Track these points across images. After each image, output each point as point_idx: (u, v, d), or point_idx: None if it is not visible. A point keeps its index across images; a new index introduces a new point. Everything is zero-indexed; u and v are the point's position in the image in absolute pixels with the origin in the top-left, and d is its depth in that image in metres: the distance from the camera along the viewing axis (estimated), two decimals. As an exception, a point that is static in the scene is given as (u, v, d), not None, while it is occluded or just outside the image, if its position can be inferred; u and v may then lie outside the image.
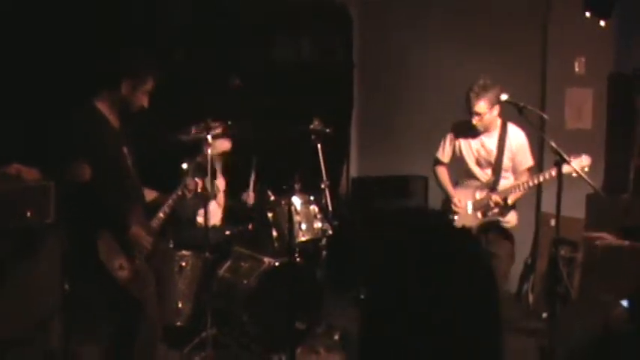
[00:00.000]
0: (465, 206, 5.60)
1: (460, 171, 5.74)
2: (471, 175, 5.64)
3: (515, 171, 5.58)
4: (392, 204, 6.93)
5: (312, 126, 5.88)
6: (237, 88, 5.41)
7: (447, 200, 5.74)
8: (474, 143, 5.56)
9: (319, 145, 5.90)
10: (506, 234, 5.60)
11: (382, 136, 8.09)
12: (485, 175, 5.58)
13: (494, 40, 7.00)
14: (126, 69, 4.31)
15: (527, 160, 5.56)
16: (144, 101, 4.37)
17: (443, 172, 5.81)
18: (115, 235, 4.20)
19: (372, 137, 8.28)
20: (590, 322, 4.73)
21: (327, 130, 5.89)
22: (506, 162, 5.51)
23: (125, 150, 4.39)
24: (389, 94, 8.04)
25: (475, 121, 5.37)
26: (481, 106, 5.29)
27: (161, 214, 4.74)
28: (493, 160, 5.52)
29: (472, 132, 5.51)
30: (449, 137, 5.71)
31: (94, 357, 4.29)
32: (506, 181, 5.55)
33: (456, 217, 5.61)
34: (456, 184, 5.77)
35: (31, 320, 4.52)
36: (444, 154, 5.75)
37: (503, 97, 5.05)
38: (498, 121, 5.48)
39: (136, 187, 4.52)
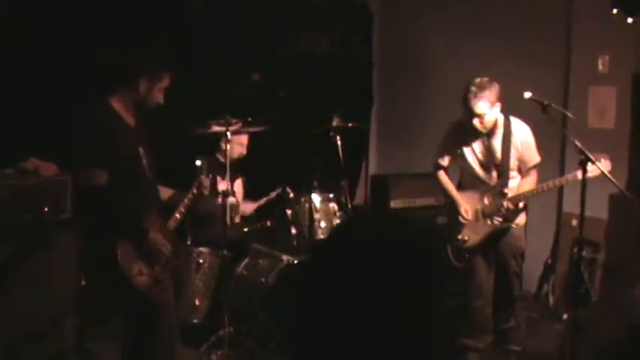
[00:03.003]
0: (474, 215, 5.39)
1: (464, 175, 5.54)
2: (476, 179, 5.41)
3: (521, 170, 5.35)
4: (411, 202, 6.84)
5: (331, 123, 5.80)
6: (259, 83, 5.42)
7: (451, 203, 5.51)
8: (477, 145, 5.31)
9: (339, 143, 5.81)
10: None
11: (402, 133, 8.01)
12: (491, 177, 5.35)
13: (517, 36, 6.87)
14: (142, 67, 4.20)
15: (534, 157, 5.30)
16: (160, 99, 4.26)
17: (444, 177, 5.57)
18: (133, 242, 4.13)
19: (391, 135, 8.19)
20: (614, 324, 4.58)
21: (350, 125, 5.82)
22: (512, 162, 5.28)
23: (141, 150, 4.28)
24: (409, 91, 7.94)
25: (476, 123, 5.11)
26: (480, 106, 5.03)
27: (177, 215, 4.66)
28: (499, 162, 5.28)
29: (474, 133, 5.24)
30: (448, 140, 5.48)
31: (108, 356, 4.21)
32: (513, 181, 5.33)
33: (464, 227, 5.43)
34: (459, 187, 5.56)
35: (44, 316, 4.46)
36: (445, 158, 5.51)
37: (527, 94, 4.80)
38: (501, 119, 5.21)
39: (152, 189, 4.43)
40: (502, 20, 7.05)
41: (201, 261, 5.57)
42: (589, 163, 4.59)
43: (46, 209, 4.38)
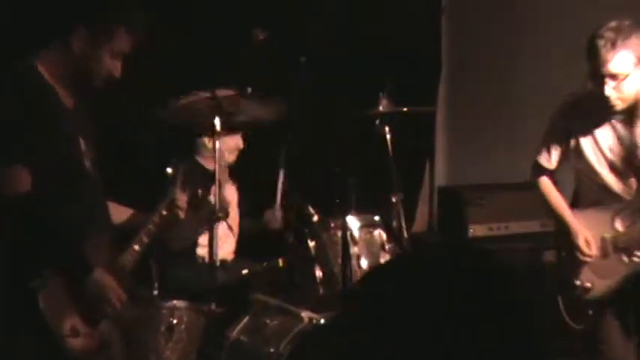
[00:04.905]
0: (600, 248, 4.91)
1: (582, 184, 5.11)
2: (603, 191, 4.94)
3: None
4: (500, 227, 6.76)
5: (377, 107, 5.56)
6: (262, 45, 5.13)
7: (563, 231, 5.09)
8: (604, 134, 4.83)
9: (388, 137, 5.59)
10: None
11: (485, 122, 7.78)
12: (626, 188, 4.89)
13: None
14: (79, 12, 3.97)
15: None
16: (113, 67, 3.99)
17: (549, 187, 5.17)
18: (66, 282, 3.88)
19: (469, 125, 8.00)
20: None
21: (405, 110, 5.61)
22: None
23: (83, 144, 4.05)
24: (497, 55, 7.71)
25: (609, 89, 4.58)
26: (619, 62, 4.50)
27: (136, 247, 4.44)
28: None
29: (599, 115, 4.77)
30: (557, 127, 5.01)
31: None
32: None
33: (584, 268, 4.94)
34: (575, 205, 5.12)
35: None
36: (550, 156, 5.09)
37: None
38: None
39: (98, 202, 4.20)
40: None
41: (175, 321, 5.14)
42: None
43: None
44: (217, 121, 5.00)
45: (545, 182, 5.11)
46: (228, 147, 5.77)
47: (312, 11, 6.94)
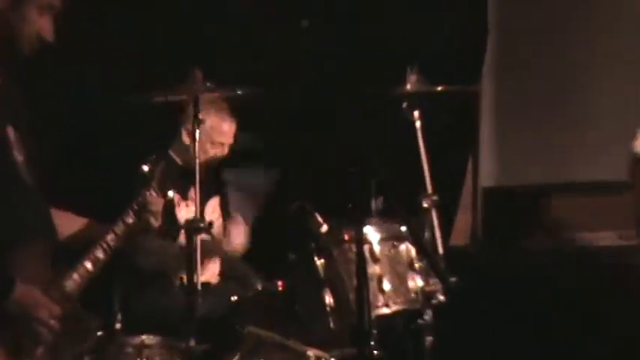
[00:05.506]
0: None
1: None
2: None
3: None
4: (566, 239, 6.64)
5: (404, 86, 5.29)
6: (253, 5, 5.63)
7: None
8: None
9: (419, 124, 5.34)
10: None
11: (541, 108, 7.45)
12: None
13: None
14: None
15: None
16: (42, 26, 3.80)
17: None
18: None
19: (521, 111, 7.61)
20: None
21: (439, 89, 5.41)
22: None
23: (12, 133, 3.93)
24: (554, 23, 7.39)
25: None
26: None
27: (88, 265, 4.06)
28: None
29: None
30: None
31: None
32: None
33: None
34: None
35: None
36: None
37: None
38: None
39: (32, 204, 3.99)
40: None
41: (143, 361, 5.19)
42: None
43: None
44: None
45: None
46: (216, 133, 5.56)
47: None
